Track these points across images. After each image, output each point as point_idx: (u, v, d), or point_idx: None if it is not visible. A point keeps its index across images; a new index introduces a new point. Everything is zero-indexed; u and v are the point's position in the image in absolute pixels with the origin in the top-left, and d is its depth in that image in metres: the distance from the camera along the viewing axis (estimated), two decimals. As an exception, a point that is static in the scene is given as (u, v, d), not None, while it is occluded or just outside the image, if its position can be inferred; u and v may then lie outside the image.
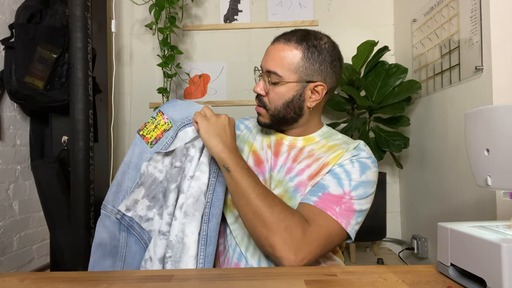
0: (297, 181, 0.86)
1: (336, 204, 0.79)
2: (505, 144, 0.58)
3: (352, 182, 0.82)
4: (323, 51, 0.86)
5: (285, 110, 0.88)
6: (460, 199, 1.48)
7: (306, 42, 0.86)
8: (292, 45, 0.86)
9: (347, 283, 0.60)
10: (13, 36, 1.63)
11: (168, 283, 0.62)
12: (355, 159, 0.85)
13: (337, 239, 0.79)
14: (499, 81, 1.25)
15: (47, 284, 0.63)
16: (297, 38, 0.86)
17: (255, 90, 0.90)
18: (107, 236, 0.88)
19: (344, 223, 0.78)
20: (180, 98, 2.21)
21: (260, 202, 0.76)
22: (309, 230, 0.75)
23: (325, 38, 0.89)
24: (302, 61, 0.85)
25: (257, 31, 2.19)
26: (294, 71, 0.85)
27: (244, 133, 1.03)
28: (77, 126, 1.47)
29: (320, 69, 0.86)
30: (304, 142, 0.93)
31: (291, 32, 0.89)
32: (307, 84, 0.86)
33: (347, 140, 0.93)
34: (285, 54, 0.86)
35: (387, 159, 2.02)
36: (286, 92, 0.86)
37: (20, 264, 1.69)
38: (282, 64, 0.85)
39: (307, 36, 0.87)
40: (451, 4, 1.52)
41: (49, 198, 1.67)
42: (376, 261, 1.86)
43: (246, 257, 0.85)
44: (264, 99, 0.90)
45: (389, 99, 1.82)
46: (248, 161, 0.94)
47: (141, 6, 2.02)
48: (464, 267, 0.56)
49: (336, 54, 0.89)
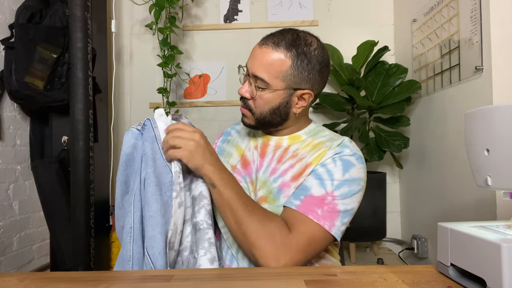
0: (280, 181, 0.86)
1: (318, 207, 0.78)
2: (505, 144, 0.58)
3: (335, 181, 0.80)
4: (313, 59, 0.84)
5: (270, 116, 0.87)
6: (460, 199, 1.48)
7: (296, 49, 0.82)
8: (281, 51, 0.82)
9: (347, 283, 0.60)
10: (13, 36, 1.63)
11: (168, 283, 0.62)
12: (337, 157, 0.83)
13: (322, 242, 0.78)
14: (499, 81, 1.25)
15: (47, 284, 0.63)
16: (287, 43, 0.82)
17: (240, 92, 0.87)
18: (131, 151, 0.82)
19: (327, 225, 0.77)
20: (180, 98, 2.21)
21: (241, 212, 0.77)
22: (289, 236, 0.75)
23: (315, 43, 0.85)
24: (291, 69, 0.82)
25: (257, 31, 2.19)
26: (282, 79, 0.83)
27: (234, 137, 1.03)
28: (77, 126, 1.47)
29: (309, 77, 0.84)
30: (290, 141, 0.92)
31: (280, 34, 0.85)
32: (294, 91, 0.85)
33: (333, 136, 0.91)
34: (273, 60, 0.82)
35: (387, 159, 2.02)
36: (273, 99, 0.85)
37: (20, 264, 1.69)
38: (270, 71, 0.82)
39: (297, 41, 0.83)
40: (451, 4, 1.52)
41: (49, 198, 1.67)
42: (376, 261, 1.86)
43: (238, 258, 0.86)
44: (250, 103, 0.88)
45: (389, 99, 1.82)
46: (237, 164, 0.95)
47: (141, 6, 2.02)
48: (464, 267, 0.56)
49: (325, 61, 0.87)
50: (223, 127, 1.11)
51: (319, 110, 2.16)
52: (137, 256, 0.76)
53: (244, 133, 1.01)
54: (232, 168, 0.95)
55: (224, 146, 1.04)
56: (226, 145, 1.04)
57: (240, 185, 0.84)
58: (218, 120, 2.19)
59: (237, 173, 0.93)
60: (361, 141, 1.83)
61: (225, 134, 1.08)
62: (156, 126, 0.84)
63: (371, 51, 1.92)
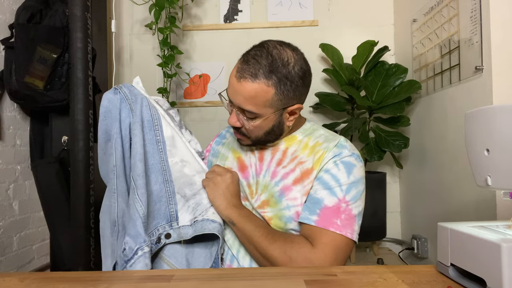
0: (282, 185, 0.87)
1: (336, 217, 0.79)
2: (505, 144, 0.58)
3: (343, 186, 0.82)
4: (294, 78, 0.81)
5: (266, 137, 0.89)
6: (460, 199, 1.48)
7: (275, 74, 0.79)
8: (261, 82, 0.78)
9: (347, 283, 0.60)
10: (13, 36, 1.63)
11: (168, 283, 0.62)
12: (338, 160, 0.84)
13: (347, 249, 0.80)
14: (499, 81, 1.25)
15: (47, 284, 0.63)
16: (265, 71, 0.78)
17: (231, 123, 0.87)
18: (105, 109, 0.92)
19: (349, 233, 0.79)
20: (180, 98, 2.21)
21: (262, 243, 0.80)
22: (314, 251, 0.77)
23: (292, 59, 0.81)
24: (276, 95, 0.80)
25: (257, 31, 2.19)
26: (270, 106, 0.82)
27: (230, 140, 1.04)
28: (77, 126, 1.47)
29: (295, 94, 0.83)
30: (287, 143, 0.93)
31: (255, 62, 0.79)
32: (284, 110, 0.85)
33: (328, 136, 0.91)
34: (256, 92, 0.79)
35: (387, 159, 2.02)
36: (266, 124, 0.85)
37: (20, 264, 1.69)
38: (255, 103, 0.81)
39: (274, 65, 0.79)
40: (451, 4, 1.52)
41: (49, 198, 1.67)
42: (376, 261, 1.86)
43: (238, 258, 0.87)
44: (242, 130, 0.88)
45: (389, 99, 1.82)
46: (233, 167, 0.96)
47: (141, 6, 2.02)
48: (464, 267, 0.56)
49: (306, 71, 0.84)
50: (223, 127, 1.11)
51: (319, 110, 2.16)
52: (121, 189, 0.86)
53: None
54: None
55: (219, 149, 1.04)
56: (221, 147, 1.04)
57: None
58: (218, 120, 2.19)
59: None
60: (361, 141, 1.83)
61: (220, 137, 1.08)
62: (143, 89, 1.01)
63: (371, 51, 1.92)
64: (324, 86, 2.17)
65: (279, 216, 0.84)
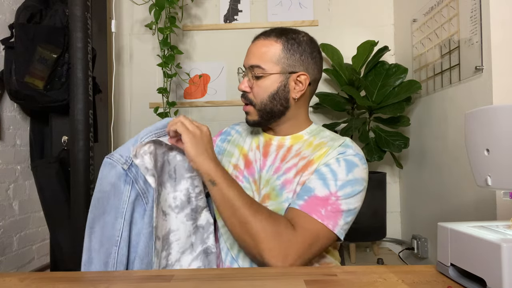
0: (283, 179, 0.87)
1: (321, 207, 0.79)
2: (505, 144, 0.58)
3: (338, 181, 0.81)
4: (302, 43, 0.90)
5: (271, 103, 0.89)
6: (460, 199, 1.48)
7: (285, 35, 0.90)
8: (272, 39, 0.90)
9: (347, 283, 0.60)
10: (13, 36, 1.63)
11: (168, 283, 0.62)
12: (341, 158, 0.84)
13: (325, 241, 0.79)
14: (499, 81, 1.25)
15: (47, 284, 0.63)
16: (276, 33, 0.91)
17: (240, 88, 0.92)
18: (109, 189, 0.79)
19: (331, 225, 0.78)
20: (180, 98, 2.21)
21: (245, 210, 0.76)
22: (294, 234, 0.75)
23: (303, 33, 0.93)
24: (283, 52, 0.88)
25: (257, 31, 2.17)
26: (276, 63, 0.88)
27: (235, 137, 1.04)
28: (77, 126, 1.47)
29: (301, 59, 0.89)
30: (292, 141, 0.94)
31: (270, 29, 0.94)
32: (290, 75, 0.89)
33: (334, 137, 0.92)
34: (266, 48, 0.89)
35: (387, 159, 2.02)
36: (271, 84, 0.88)
37: (20, 264, 1.69)
38: (264, 58, 0.88)
39: (286, 30, 0.92)
40: (451, 4, 1.52)
41: (49, 198, 1.67)
42: (376, 261, 1.86)
43: (238, 260, 0.86)
44: (250, 96, 0.91)
45: (389, 99, 1.82)
46: (239, 164, 0.96)
47: (141, 6, 2.02)
48: (464, 267, 0.56)
49: (315, 47, 0.93)
50: (223, 127, 1.11)
51: (319, 110, 2.16)
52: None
53: (246, 134, 1.02)
54: (234, 167, 0.95)
55: (224, 146, 1.04)
56: (227, 144, 1.04)
57: (241, 185, 0.84)
58: (218, 120, 2.19)
59: (239, 172, 0.94)
60: (361, 141, 1.83)
61: (224, 134, 1.08)
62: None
63: (371, 51, 1.92)
64: (324, 86, 2.17)
65: (280, 209, 0.84)
